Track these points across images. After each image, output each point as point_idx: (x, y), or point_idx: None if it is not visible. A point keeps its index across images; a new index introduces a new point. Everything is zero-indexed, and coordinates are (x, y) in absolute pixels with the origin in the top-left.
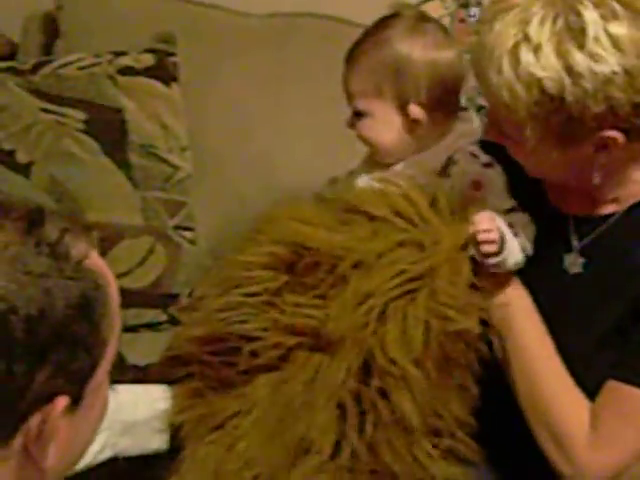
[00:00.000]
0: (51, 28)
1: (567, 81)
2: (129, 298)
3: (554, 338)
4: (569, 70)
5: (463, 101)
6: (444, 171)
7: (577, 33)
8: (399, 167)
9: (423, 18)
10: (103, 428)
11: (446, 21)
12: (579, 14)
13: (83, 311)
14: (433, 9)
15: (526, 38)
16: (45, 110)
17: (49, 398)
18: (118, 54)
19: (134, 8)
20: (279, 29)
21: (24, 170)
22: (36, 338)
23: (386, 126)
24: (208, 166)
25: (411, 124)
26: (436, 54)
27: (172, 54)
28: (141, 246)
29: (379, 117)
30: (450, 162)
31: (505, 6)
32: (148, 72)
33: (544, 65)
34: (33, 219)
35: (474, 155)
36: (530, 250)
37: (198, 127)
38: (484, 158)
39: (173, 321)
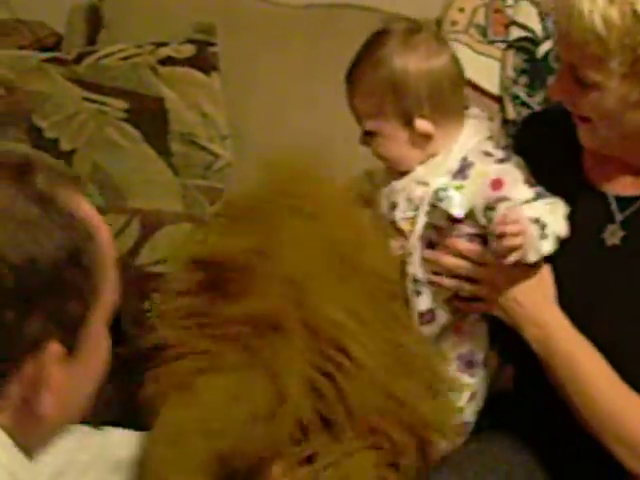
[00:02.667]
0: (95, 19)
1: None
2: None
3: (591, 313)
4: None
5: (498, 91)
6: (460, 173)
7: None
8: (418, 172)
9: (413, 30)
10: (93, 466)
11: (482, 12)
12: None
13: (73, 259)
14: (469, 0)
15: None
16: (88, 99)
17: (41, 345)
18: (159, 44)
19: (176, 0)
20: (317, 19)
21: (67, 157)
22: (26, 286)
23: (396, 143)
24: (248, 155)
25: (420, 137)
26: (430, 63)
27: (212, 44)
28: (181, 232)
29: (388, 135)
30: (465, 164)
31: None
32: (189, 62)
33: None
34: (23, 169)
35: (488, 154)
36: (565, 231)
37: (238, 116)
38: (498, 154)
39: None
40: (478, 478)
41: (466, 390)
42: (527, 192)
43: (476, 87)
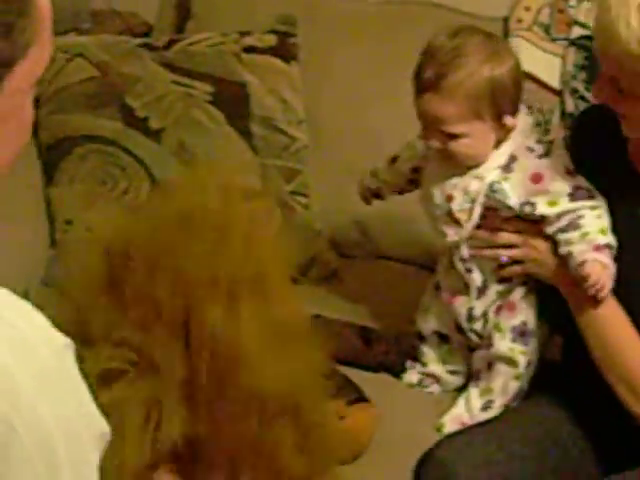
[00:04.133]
0: (183, 10)
1: None
2: None
3: (625, 285)
4: None
5: (559, 85)
6: (507, 167)
7: None
8: (486, 168)
9: (490, 37)
10: None
11: (546, 12)
12: None
13: None
14: (532, 0)
15: None
16: (176, 82)
17: None
18: (243, 34)
19: None
20: (393, 16)
21: (156, 136)
22: None
23: (485, 142)
24: (323, 139)
25: (505, 132)
26: (511, 65)
27: (293, 35)
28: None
29: (478, 135)
30: (511, 159)
31: None
32: (270, 51)
33: None
34: None
35: (530, 149)
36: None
37: (314, 103)
38: (539, 149)
39: None
40: (517, 435)
41: (522, 357)
42: (565, 186)
43: (539, 81)
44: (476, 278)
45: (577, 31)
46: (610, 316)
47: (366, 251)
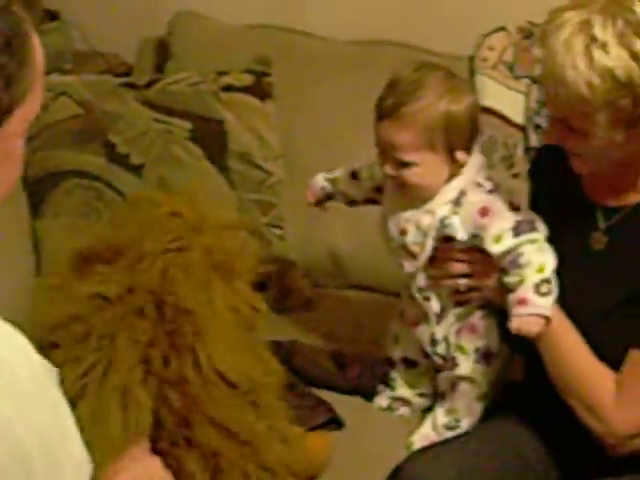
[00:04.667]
0: (162, 52)
1: (633, 66)
2: None
3: (572, 307)
4: (635, 57)
5: (522, 121)
6: (457, 201)
7: (636, 26)
8: (437, 203)
9: (451, 75)
10: None
11: (510, 51)
12: (634, 12)
13: (6, 44)
14: (498, 40)
15: (593, 39)
16: (156, 120)
17: None
18: (221, 73)
19: (235, 35)
20: (364, 54)
21: (137, 171)
22: None
23: (435, 173)
24: (297, 173)
25: (456, 167)
26: (468, 102)
27: (268, 74)
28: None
29: (429, 166)
30: (461, 193)
31: (560, 22)
32: (247, 90)
33: (613, 57)
34: None
35: (479, 184)
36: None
37: (289, 138)
38: (488, 185)
39: None
40: (481, 453)
41: (484, 378)
42: (509, 221)
43: (503, 117)
44: (434, 305)
45: (540, 69)
46: (562, 338)
47: (339, 281)
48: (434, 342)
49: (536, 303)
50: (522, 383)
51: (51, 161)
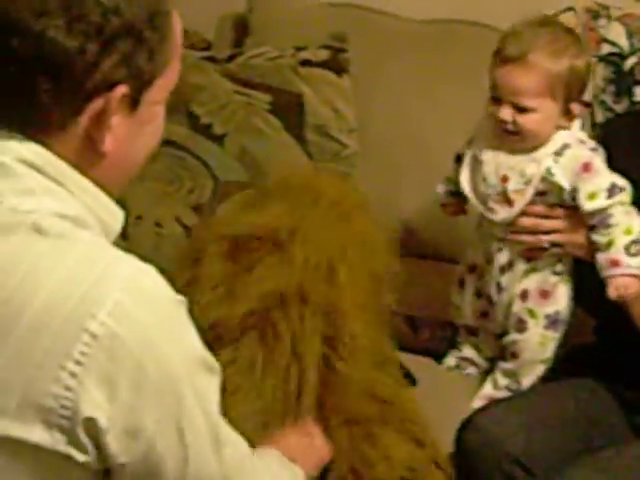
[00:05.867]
0: (241, 27)
1: None
2: None
3: None
4: None
5: (589, 98)
6: (560, 153)
7: None
8: (543, 152)
9: (571, 30)
10: None
11: (579, 30)
12: None
13: (150, 18)
14: (567, 20)
15: None
16: (238, 92)
17: (112, 86)
18: (299, 49)
19: (313, 12)
20: (437, 33)
21: (219, 140)
22: (108, 25)
23: (550, 121)
24: (370, 146)
25: (567, 119)
26: (588, 60)
27: (344, 50)
28: None
29: (546, 113)
30: (564, 146)
31: None
32: (324, 65)
33: None
34: None
35: (582, 141)
36: None
37: (364, 112)
38: (590, 144)
39: None
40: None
41: (552, 343)
42: (606, 181)
43: None
44: (503, 256)
45: (606, 48)
46: None
47: (410, 250)
48: (500, 289)
49: (629, 263)
50: (592, 345)
51: None
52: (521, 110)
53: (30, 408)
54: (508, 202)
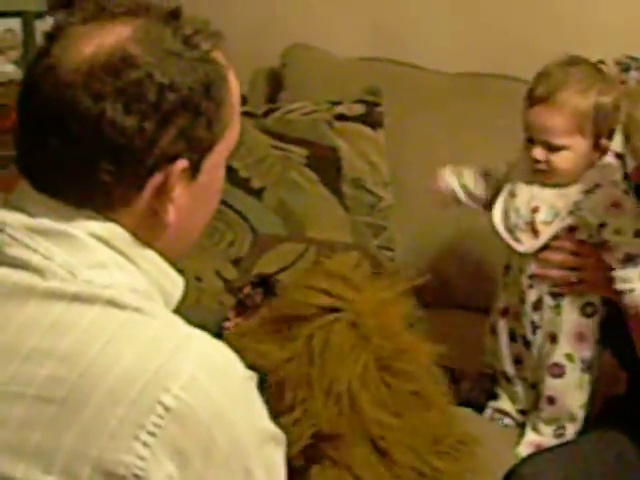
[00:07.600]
0: (275, 82)
1: None
2: None
3: None
4: None
5: (621, 149)
6: (591, 192)
7: None
8: (575, 189)
9: (600, 70)
10: None
11: None
12: None
13: (206, 89)
14: None
15: None
16: (274, 147)
17: (172, 159)
18: (334, 103)
19: (347, 67)
20: (467, 86)
21: (257, 194)
22: (165, 102)
23: (582, 158)
24: (405, 199)
25: (599, 154)
26: (616, 96)
27: (378, 104)
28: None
29: (577, 150)
30: (596, 186)
31: None
32: (359, 119)
33: None
34: (172, 13)
35: (615, 183)
36: None
37: (398, 165)
38: (622, 186)
39: None
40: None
41: (589, 387)
42: (634, 222)
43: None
44: (533, 294)
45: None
46: None
47: (444, 300)
48: (534, 327)
49: None
50: (624, 396)
51: None
52: (553, 149)
53: (102, 476)
54: (534, 233)
